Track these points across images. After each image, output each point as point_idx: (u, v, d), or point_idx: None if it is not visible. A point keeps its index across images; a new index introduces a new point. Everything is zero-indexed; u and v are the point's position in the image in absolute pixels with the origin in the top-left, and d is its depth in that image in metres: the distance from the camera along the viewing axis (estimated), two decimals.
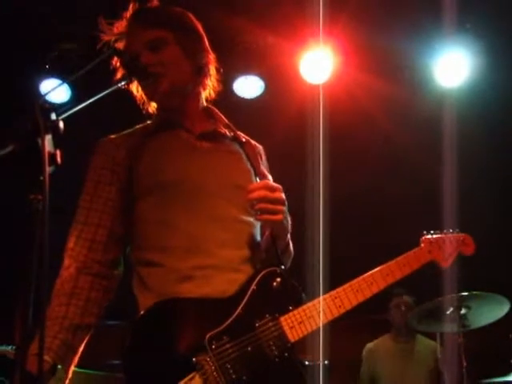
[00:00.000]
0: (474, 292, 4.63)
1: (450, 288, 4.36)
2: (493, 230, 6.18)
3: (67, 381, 2.09)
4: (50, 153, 1.41)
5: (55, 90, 5.01)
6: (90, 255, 2.20)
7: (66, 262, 2.21)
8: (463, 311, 4.69)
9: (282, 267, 2.23)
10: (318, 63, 5.35)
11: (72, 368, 2.12)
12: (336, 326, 2.24)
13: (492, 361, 5.46)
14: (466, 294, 4.60)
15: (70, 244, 2.23)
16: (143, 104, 2.48)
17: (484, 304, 4.75)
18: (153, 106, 2.49)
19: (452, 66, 5.41)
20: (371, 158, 6.41)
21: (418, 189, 6.34)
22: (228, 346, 2.05)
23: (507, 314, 4.77)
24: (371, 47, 5.39)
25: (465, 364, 4.55)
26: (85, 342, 2.17)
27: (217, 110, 2.52)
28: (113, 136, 2.40)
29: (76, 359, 2.13)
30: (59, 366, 2.04)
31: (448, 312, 4.74)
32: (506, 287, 4.88)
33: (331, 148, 5.27)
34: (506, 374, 4.98)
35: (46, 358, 1.98)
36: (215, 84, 2.52)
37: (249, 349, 2.06)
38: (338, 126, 5.38)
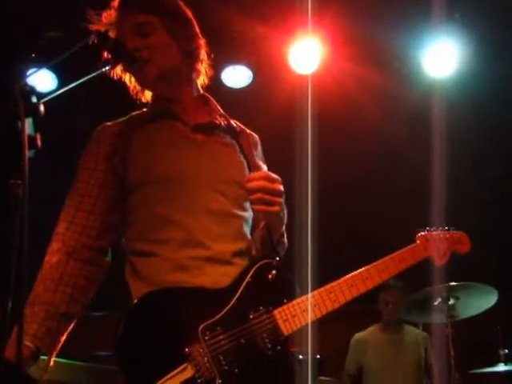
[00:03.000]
0: (463, 282, 4.64)
1: (438, 278, 4.36)
2: (482, 221, 6.20)
3: (48, 369, 2.07)
4: (30, 136, 1.39)
5: (41, 79, 4.99)
6: (81, 240, 2.18)
7: (55, 245, 2.18)
8: (451, 301, 4.69)
9: (278, 259, 2.22)
10: (306, 53, 5.33)
11: (54, 357, 2.10)
12: (326, 317, 2.22)
13: (480, 351, 5.48)
14: (454, 284, 4.60)
15: (60, 229, 2.20)
16: (136, 94, 2.47)
17: (472, 294, 4.76)
18: (147, 96, 2.47)
19: (441, 57, 5.41)
20: (360, 148, 6.41)
21: (407, 178, 6.35)
22: (221, 337, 2.04)
23: (495, 305, 4.78)
24: (360, 37, 5.38)
25: (453, 354, 4.56)
26: (68, 331, 2.14)
27: (212, 99, 2.50)
28: (109, 123, 2.38)
29: (58, 348, 2.11)
30: (42, 357, 2.02)
31: (436, 302, 4.74)
32: (494, 277, 4.90)
33: (320, 138, 5.26)
34: (494, 364, 5.01)
35: (28, 343, 1.96)
36: (208, 69, 2.50)
37: (242, 341, 2.05)
38: (327, 116, 5.37)
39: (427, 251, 2.54)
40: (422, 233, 2.64)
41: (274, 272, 2.17)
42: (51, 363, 2.08)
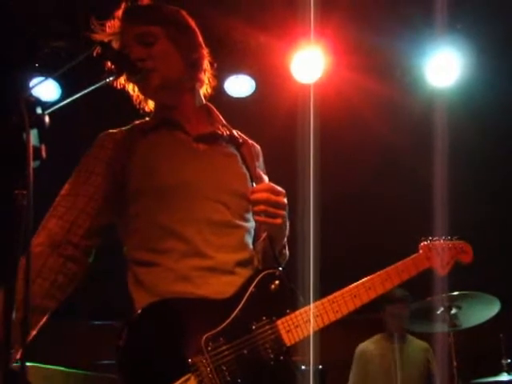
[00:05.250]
0: (465, 292, 4.63)
1: (440, 288, 4.35)
2: (484, 231, 6.19)
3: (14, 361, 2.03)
4: (34, 147, 1.39)
5: (44, 88, 5.01)
6: (67, 237, 2.16)
7: (40, 239, 2.14)
8: (454, 311, 4.69)
9: (281, 269, 2.22)
10: (309, 63, 5.34)
11: (20, 350, 2.05)
12: (329, 326, 2.22)
13: (483, 361, 5.47)
14: (456, 293, 4.60)
15: (49, 224, 2.18)
16: (140, 103, 2.48)
17: (474, 304, 4.76)
18: (150, 105, 2.48)
19: (443, 66, 5.42)
20: (362, 157, 6.41)
21: (409, 189, 6.35)
22: (224, 347, 2.04)
23: (498, 314, 4.78)
24: (362, 47, 5.39)
25: (455, 364, 4.55)
26: (39, 325, 2.09)
27: (215, 109, 2.51)
28: (113, 130, 2.39)
29: (27, 340, 2.07)
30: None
31: (438, 312, 4.74)
32: (496, 287, 4.89)
33: (322, 148, 5.26)
34: (496, 373, 4.99)
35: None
36: (211, 79, 2.51)
37: (245, 351, 2.05)
38: (329, 125, 5.38)
39: (430, 261, 2.52)
40: (425, 242, 2.62)
41: (277, 282, 2.17)
42: (18, 355, 2.04)
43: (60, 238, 2.16)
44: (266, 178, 2.51)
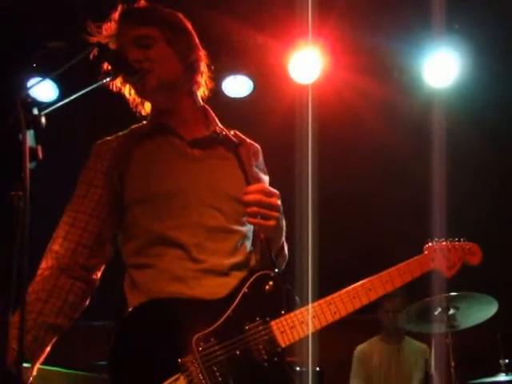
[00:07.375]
0: (463, 292, 4.63)
1: (438, 288, 4.35)
2: (482, 232, 6.18)
3: (31, 379, 2.05)
4: (31, 148, 1.39)
5: (43, 89, 5.01)
6: (74, 258, 2.20)
7: (49, 262, 2.19)
8: (451, 311, 4.68)
9: (276, 270, 2.21)
10: (307, 63, 5.34)
11: (37, 367, 2.09)
12: (326, 327, 2.20)
13: (480, 361, 5.46)
14: (454, 294, 4.59)
15: (54, 246, 2.22)
16: (136, 106, 2.48)
17: (472, 304, 4.75)
18: (146, 108, 2.48)
19: (441, 67, 5.42)
20: (360, 158, 6.41)
21: (407, 190, 6.34)
22: (216, 348, 2.03)
23: (495, 314, 4.77)
24: (360, 47, 5.39)
25: (453, 364, 4.54)
26: (52, 343, 2.13)
27: (211, 111, 2.50)
28: (109, 138, 2.40)
29: (42, 359, 2.11)
30: (27, 365, 2.01)
31: (436, 312, 4.73)
32: (494, 287, 4.88)
33: (320, 148, 5.27)
34: (494, 374, 4.99)
35: (14, 346, 1.81)
36: (208, 81, 2.50)
37: (237, 352, 2.04)
38: (327, 126, 5.38)
39: (435, 262, 2.47)
40: (430, 243, 2.56)
41: (271, 283, 2.16)
42: (34, 372, 2.07)
43: (67, 261, 2.20)
44: (265, 178, 2.50)
